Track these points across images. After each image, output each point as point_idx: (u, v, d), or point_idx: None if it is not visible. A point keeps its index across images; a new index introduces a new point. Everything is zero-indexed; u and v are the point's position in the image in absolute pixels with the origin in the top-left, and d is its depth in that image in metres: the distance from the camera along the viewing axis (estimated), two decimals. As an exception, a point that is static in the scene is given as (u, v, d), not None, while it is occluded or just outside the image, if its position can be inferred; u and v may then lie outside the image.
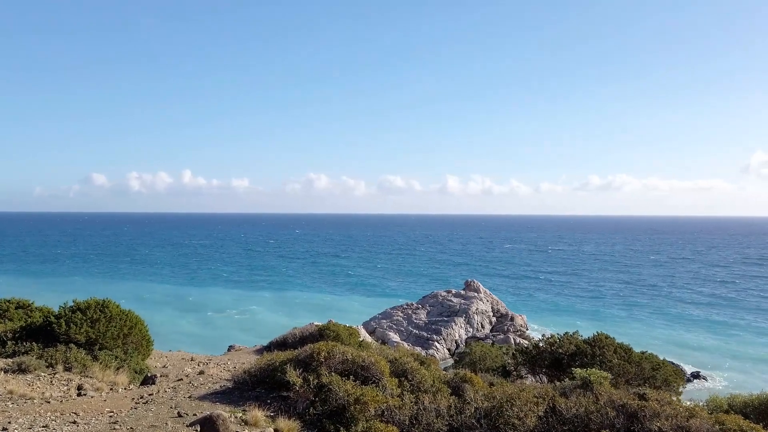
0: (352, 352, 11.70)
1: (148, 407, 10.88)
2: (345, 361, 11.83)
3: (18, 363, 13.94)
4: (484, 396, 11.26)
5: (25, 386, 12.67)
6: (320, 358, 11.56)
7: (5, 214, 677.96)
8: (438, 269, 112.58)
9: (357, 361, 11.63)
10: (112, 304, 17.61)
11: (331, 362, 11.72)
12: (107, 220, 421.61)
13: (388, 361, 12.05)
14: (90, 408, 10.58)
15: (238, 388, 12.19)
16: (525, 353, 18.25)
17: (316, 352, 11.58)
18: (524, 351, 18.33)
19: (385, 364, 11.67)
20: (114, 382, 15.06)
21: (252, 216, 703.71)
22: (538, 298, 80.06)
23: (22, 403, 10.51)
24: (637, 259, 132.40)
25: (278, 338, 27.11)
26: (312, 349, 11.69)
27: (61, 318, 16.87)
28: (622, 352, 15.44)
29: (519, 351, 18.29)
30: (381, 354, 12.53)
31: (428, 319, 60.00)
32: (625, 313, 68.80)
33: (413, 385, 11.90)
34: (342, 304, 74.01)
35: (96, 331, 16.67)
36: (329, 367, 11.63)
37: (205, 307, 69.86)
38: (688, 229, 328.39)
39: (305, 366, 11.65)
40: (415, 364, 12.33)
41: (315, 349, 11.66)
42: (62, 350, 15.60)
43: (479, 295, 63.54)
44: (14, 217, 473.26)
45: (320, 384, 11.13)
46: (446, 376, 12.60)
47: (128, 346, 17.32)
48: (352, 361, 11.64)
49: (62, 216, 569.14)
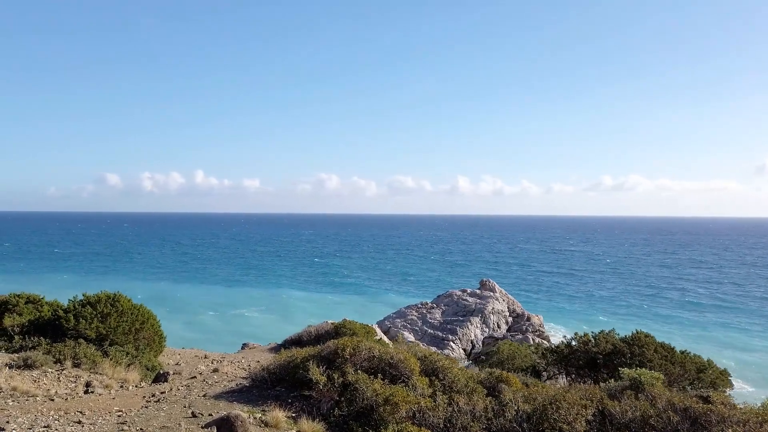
0: (380, 349, 10.81)
1: (160, 406, 10.06)
2: (371, 358, 10.94)
3: (24, 358, 13.21)
4: (524, 397, 10.31)
5: (30, 383, 11.94)
6: (345, 355, 10.67)
7: (18, 213, 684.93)
8: (449, 269, 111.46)
9: (385, 358, 10.73)
10: (123, 298, 16.87)
11: (356, 359, 10.83)
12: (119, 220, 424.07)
13: (418, 359, 11.13)
14: (97, 407, 9.78)
15: (256, 387, 11.34)
16: (555, 352, 17.25)
17: (340, 348, 10.69)
18: (554, 350, 17.32)
19: (415, 361, 10.76)
20: (124, 380, 14.29)
21: (261, 216, 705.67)
22: (551, 299, 78.77)
23: (24, 401, 9.72)
24: (650, 260, 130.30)
25: (293, 336, 26.33)
26: (336, 345, 10.80)
27: (70, 312, 16.16)
28: (663, 352, 14.41)
29: (549, 350, 17.29)
30: (410, 351, 11.61)
31: (443, 319, 58.96)
32: (641, 314, 67.35)
33: (445, 385, 10.97)
34: (352, 304, 73.20)
35: (106, 326, 15.93)
36: (354, 365, 10.74)
37: (208, 306, 69.10)
38: (700, 230, 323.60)
39: (329, 363, 10.77)
40: (446, 362, 11.41)
41: (339, 344, 10.77)
42: (71, 345, 14.87)
43: (495, 295, 62.39)
44: (26, 217, 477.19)
45: (345, 383, 10.25)
46: (479, 375, 11.67)
47: (140, 342, 16.56)
48: (379, 358, 10.74)
49: (74, 216, 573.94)
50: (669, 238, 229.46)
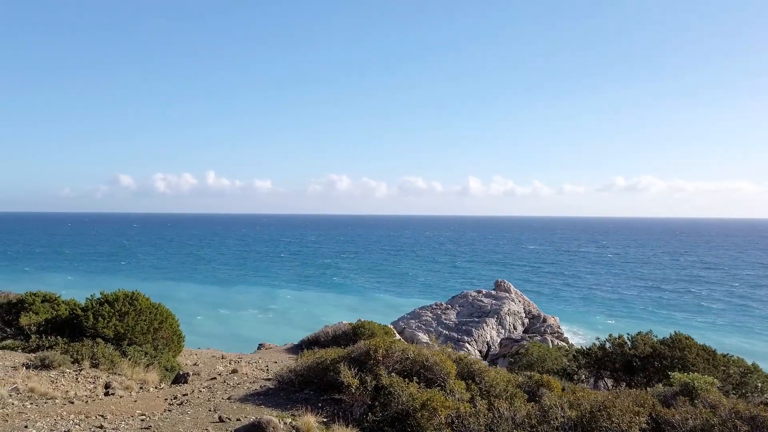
0: (414, 350, 10.22)
1: (184, 409, 9.56)
2: (404, 360, 10.36)
3: (41, 358, 12.78)
4: (569, 403, 9.66)
5: (47, 383, 11.51)
6: (377, 357, 10.10)
7: (33, 214, 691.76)
8: (452, 269, 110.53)
9: (419, 360, 10.15)
10: (142, 297, 16.44)
11: (388, 361, 10.25)
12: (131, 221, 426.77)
13: (453, 361, 10.53)
14: (119, 410, 9.28)
15: (283, 389, 10.79)
16: (587, 355, 16.55)
17: (372, 349, 10.12)
18: (585, 352, 16.62)
19: (451, 364, 10.16)
20: (144, 380, 13.84)
21: (272, 217, 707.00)
22: (565, 300, 77.71)
23: (43, 404, 9.24)
24: (662, 261, 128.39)
25: (310, 336, 25.86)
26: (367, 346, 10.23)
27: (88, 311, 15.76)
28: (706, 355, 13.68)
29: (581, 352, 16.60)
30: (443, 353, 11.01)
31: (458, 320, 58.23)
32: (657, 316, 66.13)
33: (482, 389, 10.36)
34: (365, 304, 72.64)
35: (124, 325, 15.50)
36: (387, 367, 10.17)
37: (218, 305, 68.77)
38: (713, 231, 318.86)
39: (360, 365, 10.20)
40: (483, 364, 10.79)
41: (371, 345, 10.20)
42: (89, 345, 14.45)
43: (510, 296, 61.54)
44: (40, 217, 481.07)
45: (379, 386, 9.68)
46: (517, 378, 11.03)
47: (158, 341, 16.11)
48: (413, 360, 10.15)
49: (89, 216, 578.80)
50: (682, 239, 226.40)
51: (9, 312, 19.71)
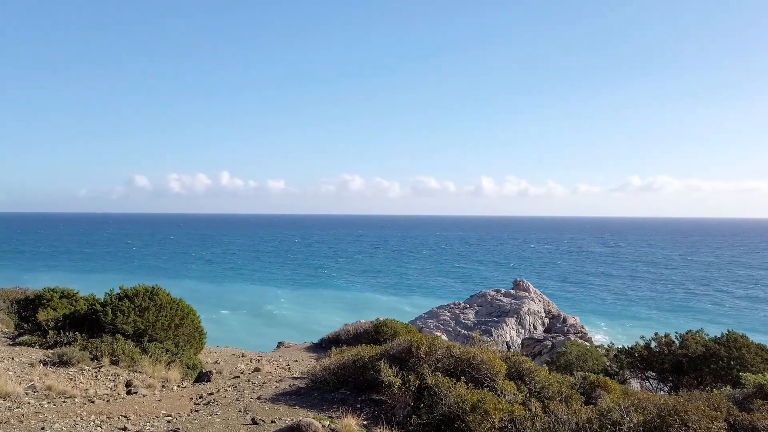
0: (459, 347, 9.40)
1: (212, 410, 8.83)
2: (447, 358, 9.53)
3: (59, 355, 12.16)
4: (633, 406, 8.77)
5: (66, 381, 10.88)
6: (420, 354, 9.29)
7: (49, 214, 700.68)
8: (474, 269, 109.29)
9: (465, 358, 9.31)
10: (162, 292, 15.81)
11: (431, 359, 9.44)
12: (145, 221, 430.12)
13: (502, 360, 9.68)
14: (142, 410, 8.58)
15: (317, 389, 10.01)
16: (629, 354, 15.60)
17: (414, 346, 9.31)
18: (628, 352, 15.67)
19: (501, 363, 9.31)
20: (165, 378, 13.19)
21: (285, 217, 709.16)
22: (582, 300, 76.29)
23: (61, 403, 8.55)
24: (681, 260, 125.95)
25: (330, 335, 25.21)
26: (409, 343, 9.42)
27: (107, 306, 15.16)
28: (764, 354, 12.69)
29: (623, 352, 15.66)
30: (490, 350, 10.16)
31: (477, 320, 57.19)
32: (678, 315, 64.50)
33: (532, 391, 9.50)
34: (379, 303, 71.80)
35: (145, 321, 14.87)
36: (430, 365, 9.35)
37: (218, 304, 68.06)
38: (730, 231, 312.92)
39: (401, 363, 9.40)
40: (532, 364, 9.94)
41: (413, 342, 9.38)
42: (108, 341, 13.84)
43: (530, 295, 60.33)
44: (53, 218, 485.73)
45: (423, 386, 8.87)
46: (568, 379, 10.16)
47: (179, 338, 15.47)
48: (459, 358, 9.32)
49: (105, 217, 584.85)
50: (697, 239, 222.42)
51: (26, 308, 19.25)
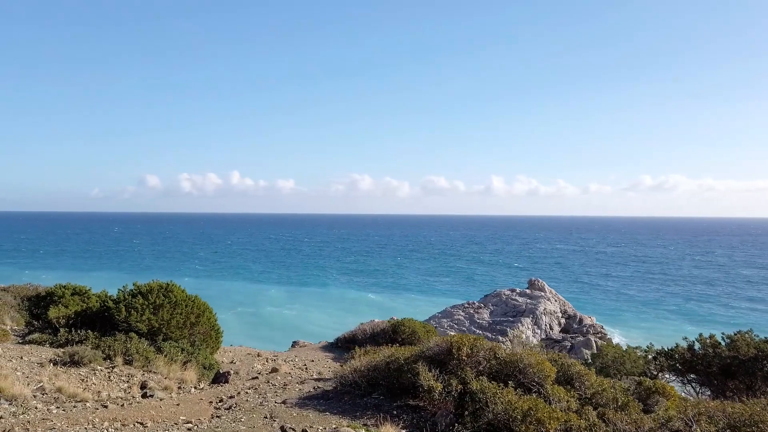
0: (505, 349, 8.56)
1: (235, 416, 8.07)
2: (489, 360, 8.71)
3: (70, 354, 11.46)
4: (701, 415, 7.89)
5: (77, 382, 10.20)
6: (461, 356, 8.47)
7: (62, 214, 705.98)
8: (485, 269, 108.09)
9: (511, 360, 8.48)
10: (177, 288, 15.10)
11: (473, 361, 8.61)
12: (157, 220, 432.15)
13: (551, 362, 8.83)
14: (160, 415, 7.84)
15: (346, 393, 9.22)
16: (669, 356, 14.68)
17: (455, 346, 8.49)
18: (668, 353, 14.74)
19: (551, 367, 8.47)
20: (181, 380, 12.48)
21: (294, 216, 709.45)
22: (593, 300, 74.96)
23: (71, 408, 7.82)
24: (694, 261, 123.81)
25: (346, 334, 24.55)
26: (449, 343, 8.60)
27: (120, 303, 14.48)
28: (824, 358, 11.74)
29: (662, 353, 14.74)
30: (537, 352, 9.31)
31: (492, 319, 56.18)
32: (692, 316, 63.03)
33: (584, 397, 8.65)
34: (389, 303, 70.90)
35: (159, 319, 14.17)
36: (472, 368, 8.53)
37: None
38: (746, 230, 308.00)
39: (440, 366, 8.59)
40: (581, 367, 9.08)
41: (453, 342, 8.57)
42: (122, 340, 13.16)
43: (545, 295, 59.22)
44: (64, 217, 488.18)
45: (466, 391, 8.04)
46: (620, 384, 9.29)
47: (195, 337, 14.75)
48: (504, 360, 8.49)
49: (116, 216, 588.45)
50: (711, 239, 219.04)
51: (38, 305, 18.67)
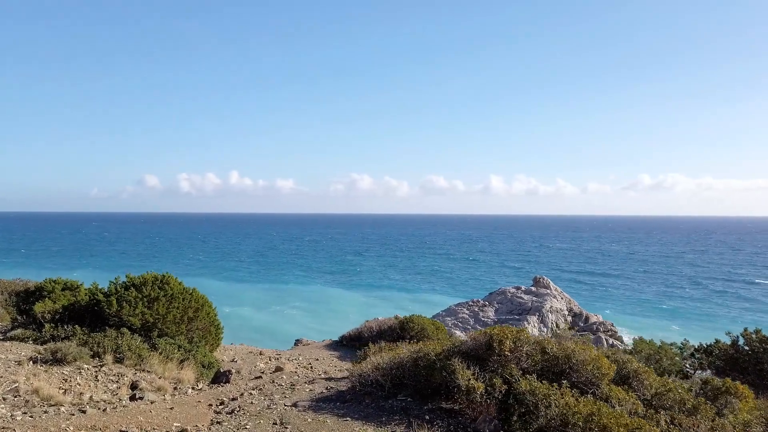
0: (553, 343, 7.35)
1: (239, 422, 6.84)
2: (534, 355, 7.48)
3: (53, 351, 10.22)
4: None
5: (58, 383, 9.00)
6: (504, 350, 7.24)
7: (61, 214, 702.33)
8: (485, 268, 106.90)
9: (562, 356, 7.25)
10: (173, 280, 13.88)
11: (517, 356, 7.39)
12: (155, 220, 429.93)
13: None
14: (149, 421, 6.60)
15: (367, 394, 7.98)
16: (708, 353, 13.50)
17: (495, 340, 7.26)
18: (707, 350, 13.57)
19: (609, 364, 7.25)
20: (178, 379, 11.27)
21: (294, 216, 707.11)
22: (596, 298, 73.91)
23: (41, 413, 6.56)
24: (694, 258, 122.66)
25: (351, 332, 23.47)
26: (489, 336, 7.37)
27: (111, 296, 13.26)
28: None
29: (701, 350, 13.56)
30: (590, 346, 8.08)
31: (497, 317, 55.01)
32: (698, 314, 61.87)
33: (645, 399, 7.43)
34: (396, 302, 69.70)
35: (154, 313, 12.95)
36: (516, 365, 7.30)
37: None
38: (745, 229, 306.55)
39: (479, 362, 7.36)
40: (639, 364, 7.86)
41: (494, 335, 7.33)
42: (112, 336, 11.94)
43: (551, 292, 58.09)
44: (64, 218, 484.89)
45: (511, 392, 6.82)
46: (680, 384, 8.08)
47: (193, 333, 13.54)
48: (553, 356, 7.27)
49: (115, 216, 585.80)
50: (711, 237, 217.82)
51: (26, 300, 17.51)
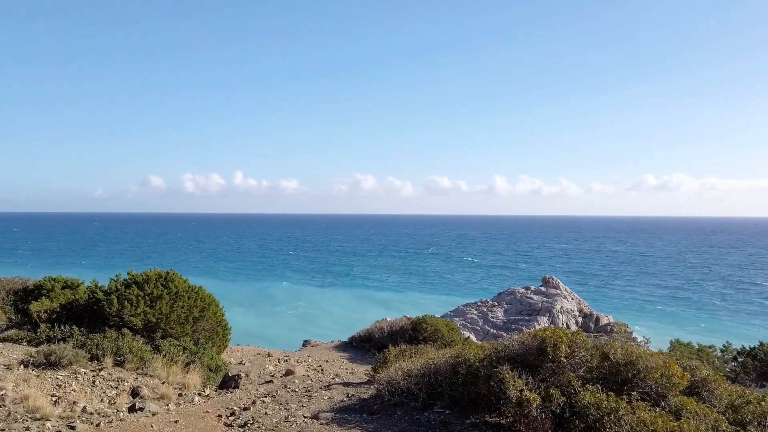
0: (616, 347, 6.39)
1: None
2: (589, 361, 6.52)
3: (46, 353, 9.30)
4: None
5: (52, 389, 8.10)
6: (559, 356, 6.28)
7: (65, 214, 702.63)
8: (486, 268, 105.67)
9: (624, 362, 6.29)
10: (178, 278, 12.97)
11: (574, 362, 6.43)
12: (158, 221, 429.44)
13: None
14: (153, 437, 5.66)
15: (398, 404, 7.03)
16: (752, 356, 12.52)
17: (550, 344, 6.30)
18: (750, 353, 12.59)
19: (681, 371, 6.28)
20: (183, 384, 10.37)
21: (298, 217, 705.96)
22: (604, 299, 72.86)
23: (22, 429, 5.64)
24: (699, 259, 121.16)
25: (361, 333, 22.58)
26: (540, 340, 6.41)
27: (111, 294, 12.36)
28: None
29: (744, 353, 12.59)
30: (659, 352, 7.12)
31: (506, 318, 53.98)
32: (704, 315, 60.75)
33: (719, 411, 6.46)
34: (400, 302, 68.70)
35: (157, 313, 12.03)
36: (573, 373, 6.34)
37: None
38: (751, 230, 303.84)
39: (529, 369, 6.41)
40: (710, 372, 6.90)
41: (547, 339, 6.37)
42: (112, 337, 11.05)
43: (561, 293, 57.05)
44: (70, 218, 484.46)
45: (572, 403, 5.87)
46: (750, 393, 7.10)
47: (199, 333, 12.62)
48: (616, 362, 6.30)
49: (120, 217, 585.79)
50: (714, 238, 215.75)
51: (25, 299, 16.69)
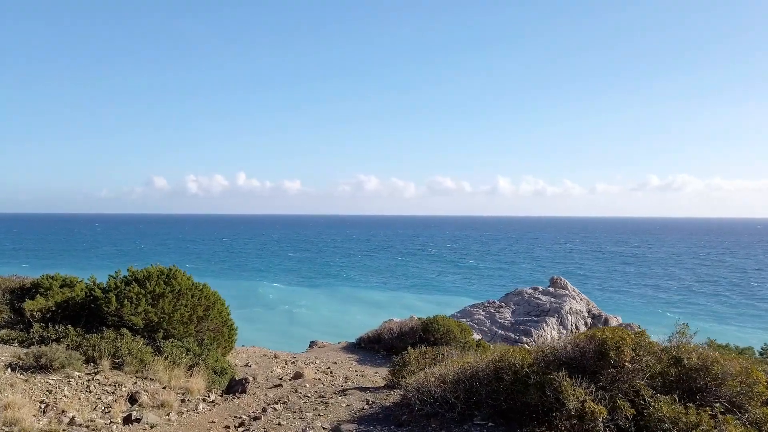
0: (690, 351, 5.52)
1: (270, 455, 5.03)
2: (655, 365, 5.65)
3: (36, 355, 8.47)
4: None
5: (41, 395, 7.28)
6: (623, 360, 5.41)
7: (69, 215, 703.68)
8: (487, 269, 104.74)
9: (697, 367, 5.42)
10: (181, 275, 12.12)
11: (638, 367, 5.55)
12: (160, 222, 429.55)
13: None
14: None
15: (432, 415, 6.17)
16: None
17: (612, 347, 5.42)
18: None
19: (764, 378, 5.41)
20: (186, 389, 9.53)
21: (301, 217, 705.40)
22: (607, 300, 71.91)
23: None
24: (704, 260, 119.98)
25: (370, 333, 21.77)
26: (600, 342, 5.53)
27: (110, 292, 11.52)
28: None
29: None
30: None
31: (514, 319, 53.08)
32: (709, 317, 59.76)
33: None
34: (402, 301, 67.74)
35: (159, 312, 11.19)
36: (641, 379, 5.46)
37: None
38: (757, 230, 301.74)
39: (589, 375, 5.53)
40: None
41: (608, 341, 5.49)
42: (110, 338, 10.21)
43: (570, 293, 56.13)
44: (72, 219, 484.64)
45: (641, 416, 4.99)
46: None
47: (203, 334, 11.77)
48: (689, 367, 5.43)
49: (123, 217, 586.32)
50: (719, 239, 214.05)
51: (21, 298, 15.91)
